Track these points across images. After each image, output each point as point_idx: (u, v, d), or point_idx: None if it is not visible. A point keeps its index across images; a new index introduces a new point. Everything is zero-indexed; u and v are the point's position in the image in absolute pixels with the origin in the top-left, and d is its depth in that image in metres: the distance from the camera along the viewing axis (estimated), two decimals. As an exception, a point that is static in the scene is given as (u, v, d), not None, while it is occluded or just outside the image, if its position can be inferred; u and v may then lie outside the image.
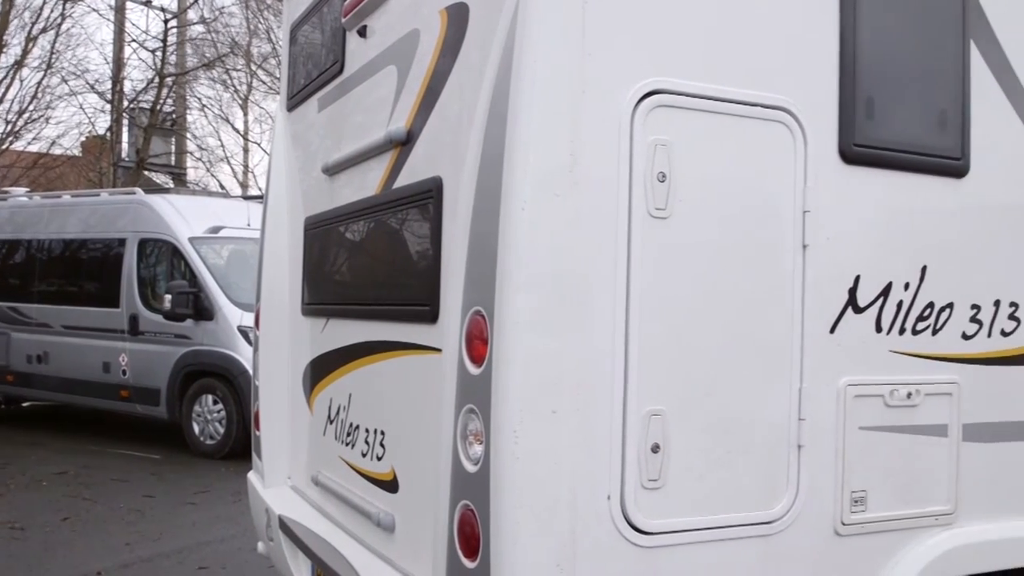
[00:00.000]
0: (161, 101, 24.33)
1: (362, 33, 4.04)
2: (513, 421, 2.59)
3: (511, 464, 2.59)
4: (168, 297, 11.38)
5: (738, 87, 2.87)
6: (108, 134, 24.35)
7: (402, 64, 3.63)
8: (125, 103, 24.11)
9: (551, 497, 2.62)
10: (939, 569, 3.16)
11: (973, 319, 3.28)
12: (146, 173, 24.25)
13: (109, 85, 24.01)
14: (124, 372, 12.04)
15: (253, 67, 29.41)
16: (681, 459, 2.78)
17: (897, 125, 3.15)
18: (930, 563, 3.15)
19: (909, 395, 3.15)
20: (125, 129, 24.54)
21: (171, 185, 23.40)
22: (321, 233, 4.50)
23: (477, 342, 2.72)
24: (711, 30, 2.87)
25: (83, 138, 26.82)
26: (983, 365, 3.30)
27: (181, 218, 12.10)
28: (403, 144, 3.56)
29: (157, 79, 23.99)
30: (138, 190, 13.51)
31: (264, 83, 29.55)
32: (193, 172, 29.29)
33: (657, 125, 2.74)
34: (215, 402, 11.27)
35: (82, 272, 13.13)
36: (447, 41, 3.28)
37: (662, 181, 2.74)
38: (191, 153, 28.37)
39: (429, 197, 3.29)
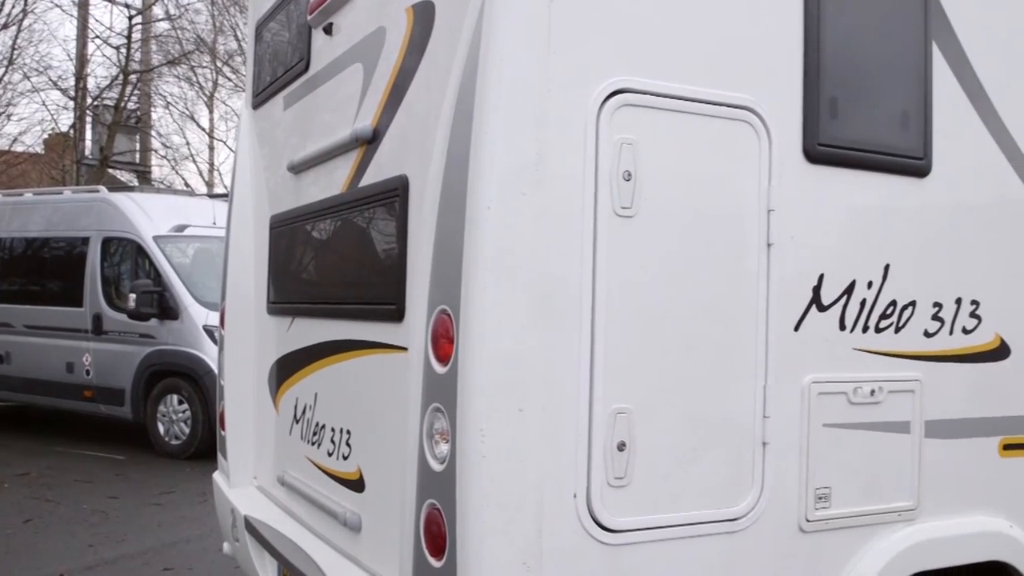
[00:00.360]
0: (125, 98, 24.07)
1: (328, 31, 4.02)
2: (479, 420, 2.59)
3: (477, 463, 2.59)
4: (132, 296, 11.28)
5: (703, 86, 2.88)
6: (71, 131, 24.10)
7: (368, 62, 3.62)
8: (89, 100, 23.84)
9: (517, 496, 2.62)
10: (902, 564, 3.19)
11: (935, 317, 3.31)
12: (110, 171, 23.99)
13: (72, 82, 23.75)
14: (88, 372, 11.91)
15: (219, 64, 29.20)
16: (647, 457, 2.79)
17: (860, 125, 3.18)
18: (893, 559, 3.18)
19: (872, 392, 3.17)
20: (89, 126, 24.27)
21: (135, 183, 23.20)
22: (287, 232, 4.48)
23: (443, 341, 2.71)
24: (677, 30, 2.88)
25: (46, 135, 26.54)
26: (945, 362, 3.34)
27: (146, 216, 11.99)
28: (369, 142, 3.55)
29: (121, 76, 23.74)
30: (102, 188, 13.36)
31: (230, 80, 29.35)
32: (158, 170, 29.05)
33: (623, 124, 2.75)
34: (180, 402, 11.18)
35: (45, 271, 12.97)
36: (413, 39, 3.27)
37: (628, 180, 2.75)
38: (156, 151, 28.12)
39: (395, 195, 3.28)
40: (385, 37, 3.50)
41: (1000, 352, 3.44)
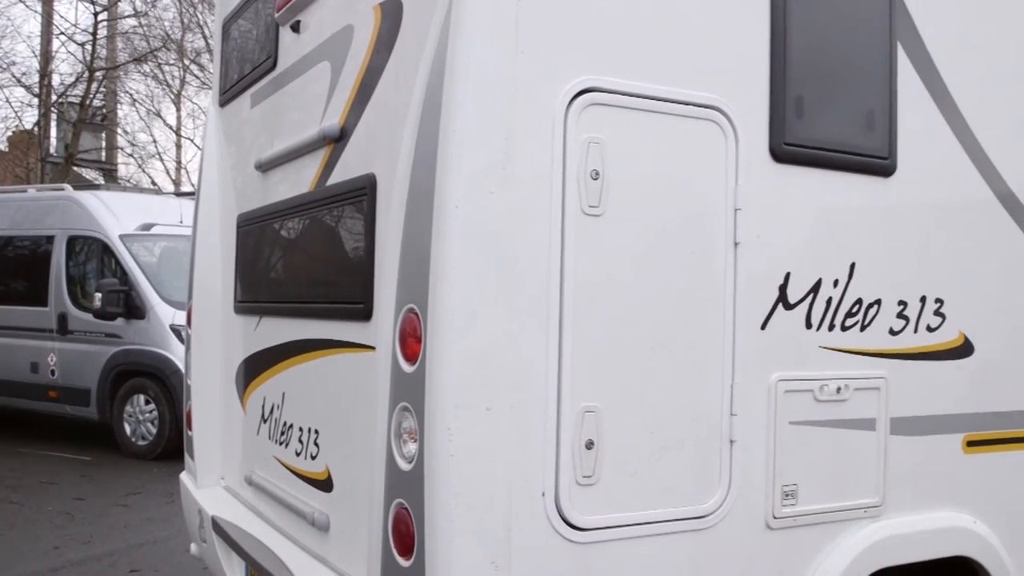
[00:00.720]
0: (91, 95, 23.86)
1: (295, 28, 4.00)
2: (447, 419, 2.58)
3: (445, 462, 2.59)
4: (98, 295, 11.17)
5: (671, 86, 2.89)
6: (36, 129, 23.84)
7: (336, 60, 3.60)
8: (53, 97, 23.60)
9: (486, 494, 2.62)
10: (867, 560, 3.21)
11: (900, 315, 3.34)
12: (75, 169, 23.79)
13: (36, 78, 23.50)
14: (53, 372, 11.79)
15: (186, 62, 29.02)
16: (615, 455, 2.80)
17: (826, 124, 3.20)
18: (859, 555, 3.20)
19: (838, 390, 3.20)
20: (53, 124, 24.06)
21: (101, 181, 23.04)
22: (254, 230, 4.45)
23: (411, 340, 2.71)
24: (644, 29, 2.89)
25: (9, 133, 26.25)
26: (910, 360, 3.37)
27: (111, 215, 11.88)
28: (336, 141, 3.54)
29: (87, 73, 23.52)
30: (67, 186, 13.23)
31: (197, 78, 29.19)
32: (124, 168, 28.85)
33: (590, 123, 2.75)
34: (147, 402, 11.09)
35: (9, 270, 12.81)
36: (381, 37, 3.26)
37: (595, 179, 2.75)
38: (122, 149, 27.93)
39: (363, 194, 3.27)
40: (353, 35, 3.48)
41: (964, 350, 3.48)
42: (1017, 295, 3.61)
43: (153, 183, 28.84)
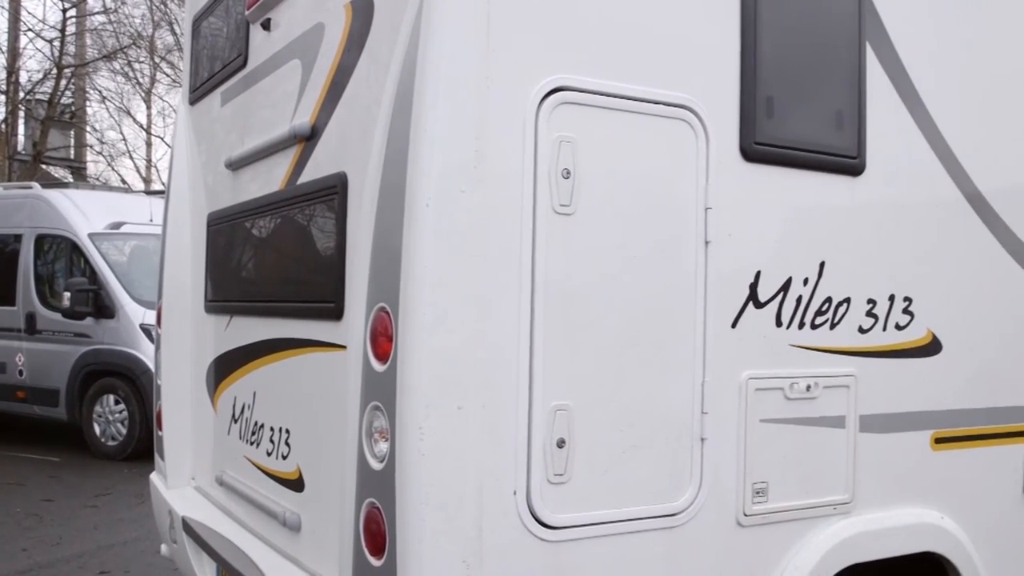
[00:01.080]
0: (59, 93, 23.63)
1: (266, 26, 3.98)
2: (418, 418, 2.58)
3: (417, 461, 2.58)
4: (67, 295, 11.07)
5: (642, 85, 2.90)
6: (3, 126, 23.55)
7: (307, 58, 3.59)
8: (21, 94, 23.34)
9: (457, 493, 2.62)
10: (837, 557, 3.24)
11: (869, 313, 3.37)
12: (43, 167, 23.55)
13: (4, 75, 23.22)
14: (21, 372, 11.67)
15: (156, 59, 28.77)
16: (586, 453, 2.81)
17: (796, 124, 3.22)
18: (829, 551, 3.22)
19: (808, 388, 3.22)
20: (21, 121, 23.79)
21: (70, 180, 22.81)
22: (225, 229, 4.43)
23: (382, 339, 2.70)
24: (616, 29, 2.89)
25: (-24, 130, 25.92)
26: (879, 358, 3.39)
27: (80, 213, 11.78)
28: (307, 139, 3.52)
29: (55, 70, 23.28)
30: (35, 184, 13.10)
31: (168, 76, 28.92)
32: (93, 166, 28.57)
33: (562, 122, 2.76)
34: (117, 402, 11.00)
35: (-24, 269, 12.69)
36: (352, 35, 3.25)
37: (567, 177, 2.76)
38: (91, 147, 27.65)
39: (334, 193, 3.26)
40: (324, 33, 3.47)
41: (932, 348, 3.51)
42: (984, 294, 3.65)
43: (123, 181, 28.62)
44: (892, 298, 3.41)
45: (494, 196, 2.67)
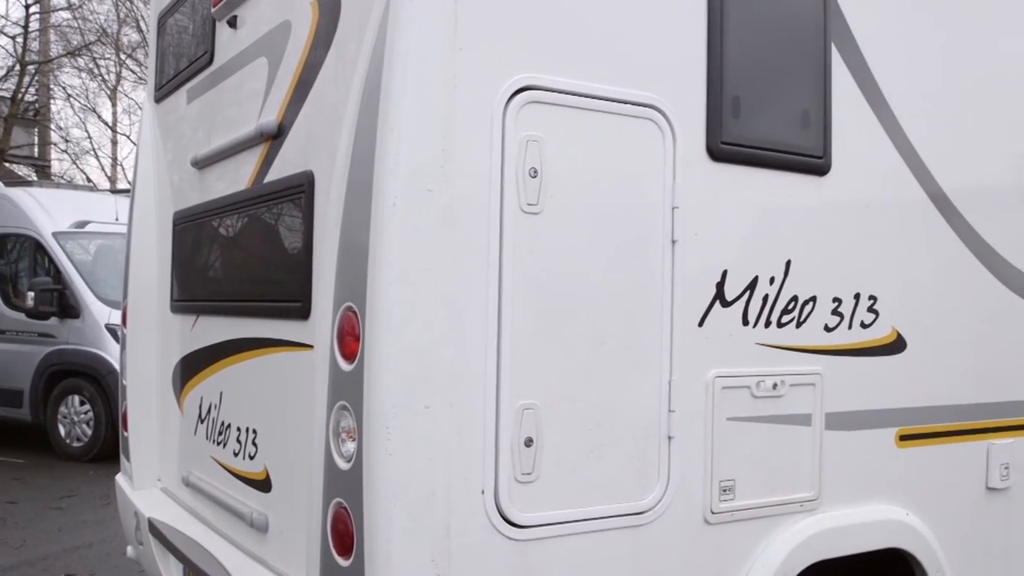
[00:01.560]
0: (23, 90, 23.36)
1: (232, 24, 3.95)
2: (386, 417, 2.57)
3: (384, 461, 2.58)
4: (31, 294, 10.95)
5: (609, 85, 2.91)
6: (-35, 124, 23.30)
7: (273, 56, 3.57)
8: (-16, 92, 23.09)
9: (425, 493, 2.62)
10: (804, 553, 3.26)
11: (835, 312, 3.39)
12: (7, 165, 23.26)
13: (-34, 73, 22.97)
14: (-16, 373, 11.53)
15: (122, 56, 28.53)
16: (554, 452, 2.81)
17: (762, 124, 3.24)
18: (795, 548, 3.24)
19: (775, 386, 3.24)
20: (-17, 119, 23.50)
21: (34, 178, 22.55)
22: (191, 228, 4.39)
23: (349, 338, 2.69)
24: (583, 28, 2.90)
25: (-62, 128, 25.59)
26: (844, 356, 3.42)
27: (44, 212, 11.66)
28: (274, 137, 3.50)
29: (18, 67, 23.02)
30: (-2, 183, 12.96)
31: (133, 73, 28.73)
32: (58, 164, 28.31)
33: (529, 121, 2.76)
34: (82, 403, 10.89)
35: (-62, 269, 12.53)
36: (319, 33, 3.24)
37: (534, 177, 2.76)
38: (55, 145, 27.39)
39: (300, 191, 3.24)
40: (290, 31, 3.45)
41: (896, 345, 3.54)
42: (948, 292, 3.69)
43: (88, 180, 28.37)
44: (857, 297, 3.44)
45: (461, 195, 2.66)
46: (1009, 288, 3.85)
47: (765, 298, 3.23)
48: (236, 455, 3.83)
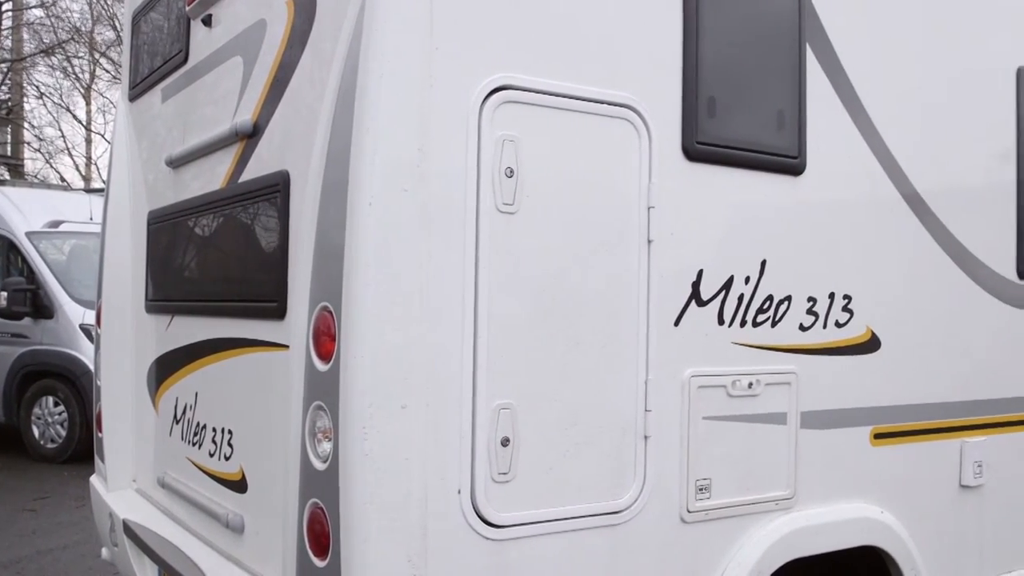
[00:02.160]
0: (-4, 88, 23.20)
1: (207, 22, 3.93)
2: (362, 417, 2.57)
3: (360, 461, 2.57)
4: (4, 294, 10.84)
5: (585, 84, 2.92)
6: (-63, 122, 23.09)
7: (248, 55, 3.55)
8: (-44, 90, 22.89)
9: (401, 493, 2.61)
10: (779, 551, 3.28)
11: (809, 311, 3.41)
12: (-20, 164, 23.07)
13: (-62, 71, 22.76)
14: (-43, 374, 11.42)
15: (96, 55, 28.33)
16: (531, 452, 2.81)
17: (738, 124, 3.26)
18: (771, 546, 3.26)
19: (750, 385, 3.25)
20: (-44, 117, 23.30)
21: (6, 177, 22.35)
22: (166, 228, 4.37)
23: (325, 338, 2.68)
24: (559, 28, 2.90)
25: (-90, 127, 25.36)
26: (819, 355, 3.44)
27: (17, 212, 11.57)
28: (249, 137, 3.49)
29: (-9, 65, 22.85)
30: (-30, 182, 12.85)
31: (108, 72, 28.53)
32: (31, 163, 28.08)
33: (505, 121, 2.76)
34: (56, 404, 10.80)
35: (-91, 268, 12.40)
36: (294, 32, 3.22)
37: (510, 176, 2.76)
38: (29, 144, 27.17)
39: (276, 191, 3.23)
40: (266, 30, 3.44)
41: (871, 344, 3.57)
42: (921, 291, 3.72)
43: (62, 179, 28.17)
44: (832, 296, 3.46)
45: (437, 194, 2.66)
46: (982, 288, 3.89)
47: (740, 297, 3.24)
48: (212, 456, 3.81)
